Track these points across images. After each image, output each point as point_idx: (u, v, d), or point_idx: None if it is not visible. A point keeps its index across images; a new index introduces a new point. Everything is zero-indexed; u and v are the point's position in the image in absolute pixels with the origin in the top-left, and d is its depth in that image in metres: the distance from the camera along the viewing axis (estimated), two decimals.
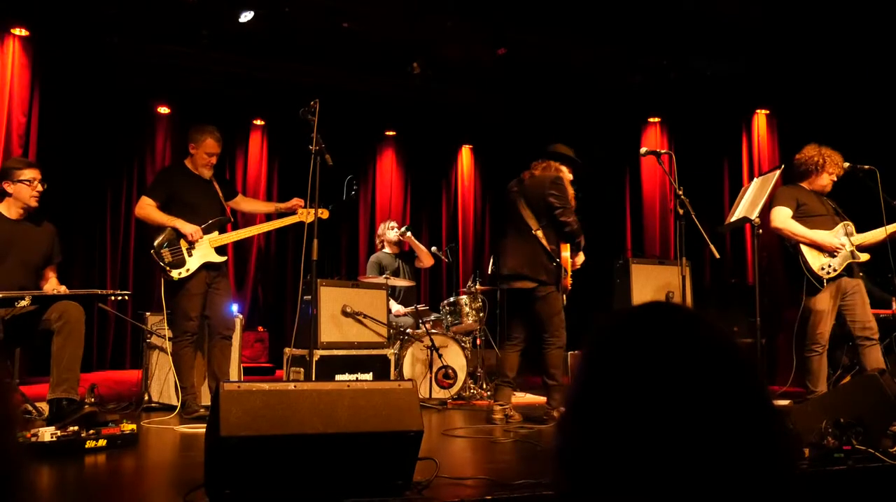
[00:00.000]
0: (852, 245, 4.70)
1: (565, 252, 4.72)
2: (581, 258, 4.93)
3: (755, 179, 4.83)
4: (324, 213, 4.92)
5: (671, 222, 8.40)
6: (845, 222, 4.77)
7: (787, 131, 7.91)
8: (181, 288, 4.78)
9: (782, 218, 4.70)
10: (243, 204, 5.44)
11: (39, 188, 4.45)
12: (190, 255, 4.80)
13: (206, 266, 4.84)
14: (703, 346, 0.82)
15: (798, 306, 4.72)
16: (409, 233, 6.71)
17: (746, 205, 4.71)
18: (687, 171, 4.74)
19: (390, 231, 6.90)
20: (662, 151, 4.56)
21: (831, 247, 4.64)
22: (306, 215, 4.94)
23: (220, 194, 5.10)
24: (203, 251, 4.84)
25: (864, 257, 4.73)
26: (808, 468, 2.89)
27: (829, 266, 4.64)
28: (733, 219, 4.80)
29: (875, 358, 4.62)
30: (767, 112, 8.08)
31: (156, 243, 4.77)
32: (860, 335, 4.65)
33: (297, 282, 4.79)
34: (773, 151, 7.94)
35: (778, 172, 4.72)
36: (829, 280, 4.63)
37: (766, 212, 4.79)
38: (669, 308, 0.88)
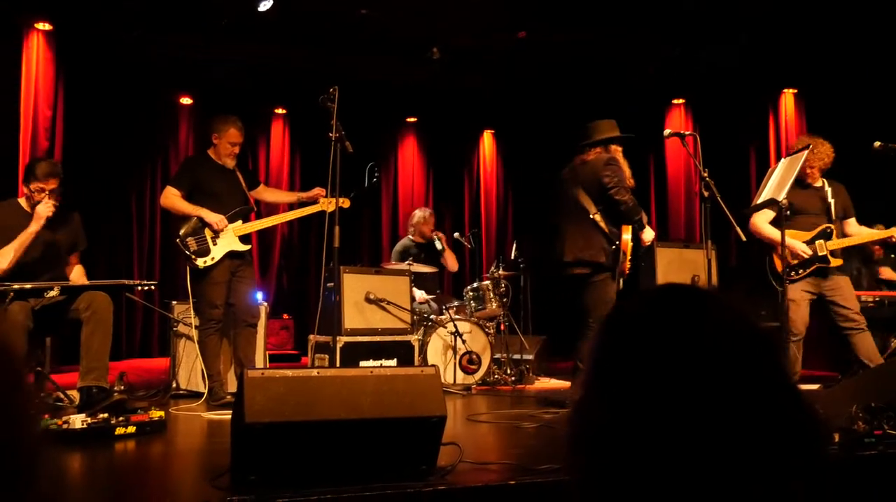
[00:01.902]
0: (826, 249, 4.85)
1: (626, 234, 4.63)
2: (650, 234, 4.80)
3: (783, 160, 4.75)
4: (345, 203, 4.93)
5: (696, 205, 8.32)
6: (826, 225, 4.90)
7: (815, 111, 7.78)
8: (206, 276, 4.83)
9: (757, 220, 4.91)
10: (265, 194, 5.46)
11: (45, 198, 4.38)
12: (214, 244, 4.84)
13: (231, 254, 4.88)
14: (724, 328, 0.80)
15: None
16: (443, 237, 6.76)
17: (773, 187, 4.64)
18: (712, 153, 4.67)
19: (424, 224, 6.92)
20: (687, 133, 4.50)
21: (794, 251, 4.83)
22: (328, 205, 4.94)
23: (244, 183, 5.13)
24: (227, 240, 4.88)
25: (837, 262, 4.89)
26: (838, 453, 2.85)
27: (794, 270, 4.89)
28: (760, 200, 4.73)
29: (865, 344, 4.75)
30: (795, 91, 7.94)
31: (181, 232, 4.82)
32: (843, 326, 4.82)
33: (321, 269, 4.81)
34: (801, 131, 7.80)
35: (806, 153, 4.63)
36: (791, 281, 4.86)
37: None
38: (688, 289, 0.86)
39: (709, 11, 6.83)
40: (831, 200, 4.94)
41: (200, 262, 4.79)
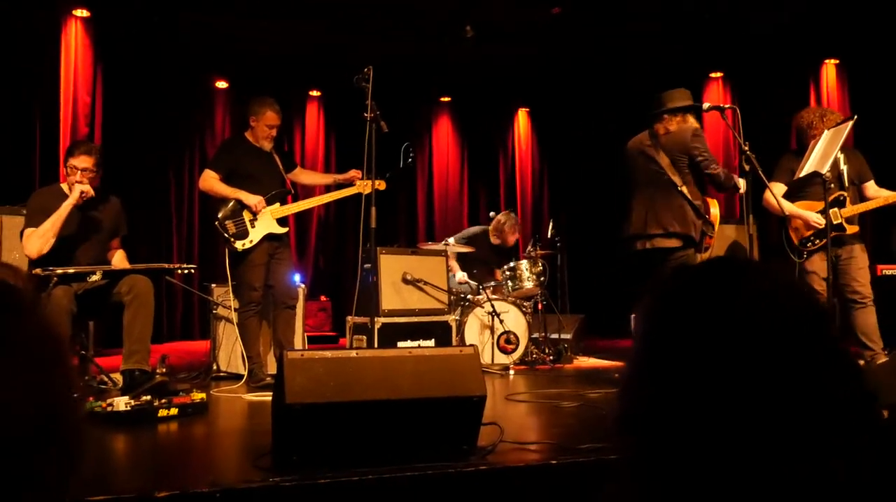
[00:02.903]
0: (841, 217, 4.78)
1: (714, 209, 4.58)
2: (743, 183, 4.59)
3: (826, 132, 4.62)
4: (381, 185, 4.92)
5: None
6: (839, 193, 4.81)
7: (858, 82, 7.55)
8: (244, 259, 4.86)
9: (768, 193, 4.74)
10: (302, 176, 5.47)
11: (79, 177, 4.41)
12: (253, 227, 4.87)
13: (269, 237, 4.90)
14: (771, 300, 0.78)
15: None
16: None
17: (816, 160, 4.52)
18: (752, 127, 4.57)
19: (511, 233, 6.91)
20: (726, 106, 4.39)
21: (809, 223, 4.78)
22: (364, 187, 4.94)
23: (281, 166, 5.15)
24: (265, 222, 4.90)
25: (853, 229, 4.82)
26: (888, 427, 2.78)
27: (809, 240, 4.83)
28: (802, 174, 4.61)
29: (863, 320, 4.69)
30: (837, 62, 7.72)
31: (220, 215, 4.85)
32: (848, 298, 4.77)
33: (357, 250, 4.82)
34: (843, 102, 7.60)
35: (850, 123, 4.49)
36: (808, 253, 4.82)
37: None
38: (733, 262, 0.84)
39: None
40: (843, 167, 4.87)
41: (239, 245, 4.83)
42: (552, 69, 8.86)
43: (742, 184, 4.51)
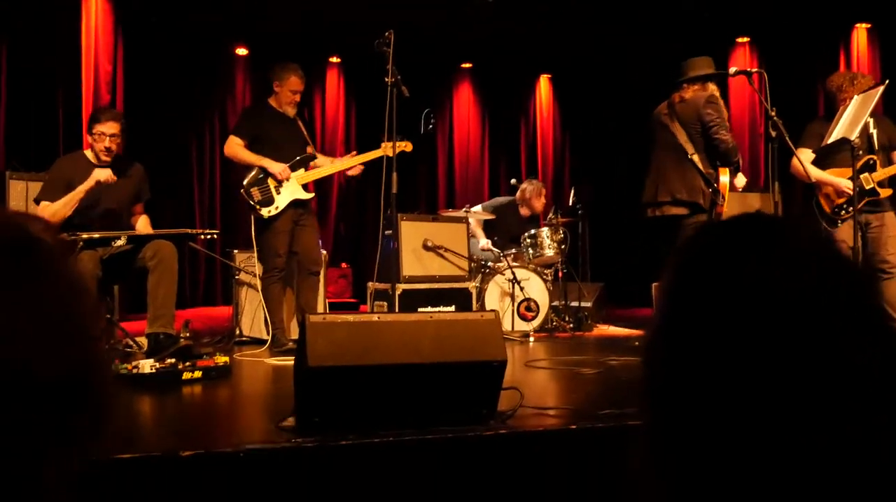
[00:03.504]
0: (873, 181, 4.68)
1: (724, 177, 4.53)
2: (742, 180, 4.72)
3: (855, 97, 4.53)
4: (407, 146, 4.90)
5: (761, 147, 8.04)
6: (868, 157, 4.69)
7: (890, 46, 7.37)
8: (269, 225, 4.87)
9: (797, 160, 4.65)
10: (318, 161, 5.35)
11: (107, 143, 4.48)
12: (278, 193, 4.87)
13: (294, 203, 4.91)
14: (811, 260, 0.74)
15: None
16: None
17: (845, 126, 4.43)
18: (780, 95, 4.49)
19: (535, 198, 6.87)
20: (754, 70, 4.33)
21: (839, 189, 4.68)
22: (388, 149, 4.91)
23: (305, 132, 5.13)
24: (291, 189, 4.90)
25: (887, 193, 4.72)
26: None
27: (842, 208, 4.72)
28: (831, 140, 4.53)
29: (891, 291, 4.63)
30: (868, 26, 7.53)
31: (245, 182, 4.86)
32: (877, 268, 4.69)
33: (378, 218, 4.82)
34: (874, 68, 7.43)
35: (881, 89, 4.40)
36: (842, 221, 4.71)
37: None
38: (768, 219, 0.80)
39: None
40: (873, 131, 4.75)
41: (265, 212, 4.84)
42: (574, 35, 8.72)
43: (740, 176, 4.65)
